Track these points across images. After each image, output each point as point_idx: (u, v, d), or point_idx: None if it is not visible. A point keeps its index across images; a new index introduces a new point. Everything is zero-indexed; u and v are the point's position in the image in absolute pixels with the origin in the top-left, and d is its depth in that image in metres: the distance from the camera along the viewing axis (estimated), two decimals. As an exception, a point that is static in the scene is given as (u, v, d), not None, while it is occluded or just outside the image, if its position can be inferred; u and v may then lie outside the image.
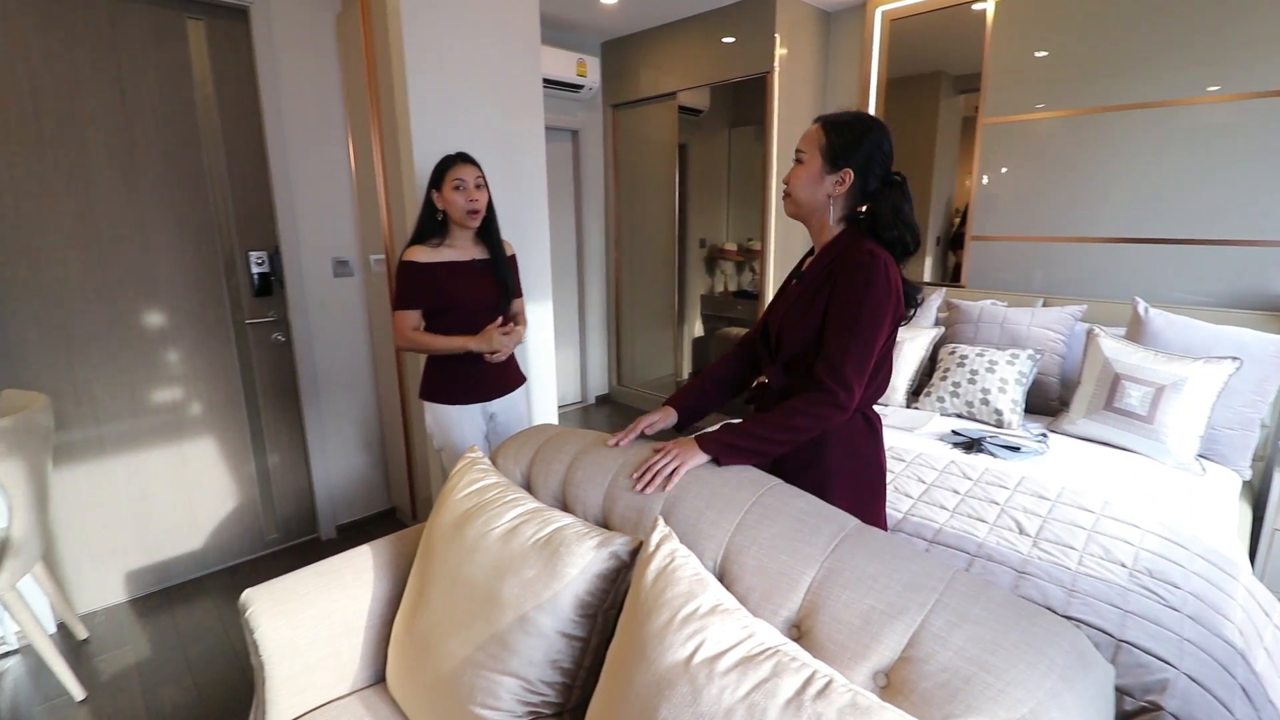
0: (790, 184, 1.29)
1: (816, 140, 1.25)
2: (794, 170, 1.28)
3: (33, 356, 2.12)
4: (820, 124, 1.26)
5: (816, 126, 1.27)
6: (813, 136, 1.26)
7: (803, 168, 1.27)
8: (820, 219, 1.30)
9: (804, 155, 1.27)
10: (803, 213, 1.31)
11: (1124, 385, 2.26)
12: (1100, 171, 2.79)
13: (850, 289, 1.18)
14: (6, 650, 2.10)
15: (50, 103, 2.08)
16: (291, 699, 1.21)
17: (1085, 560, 1.58)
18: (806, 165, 1.27)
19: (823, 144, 1.25)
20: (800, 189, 1.28)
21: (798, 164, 1.28)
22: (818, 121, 1.27)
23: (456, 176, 1.86)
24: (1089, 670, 0.78)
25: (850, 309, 1.18)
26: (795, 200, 1.30)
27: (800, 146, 1.28)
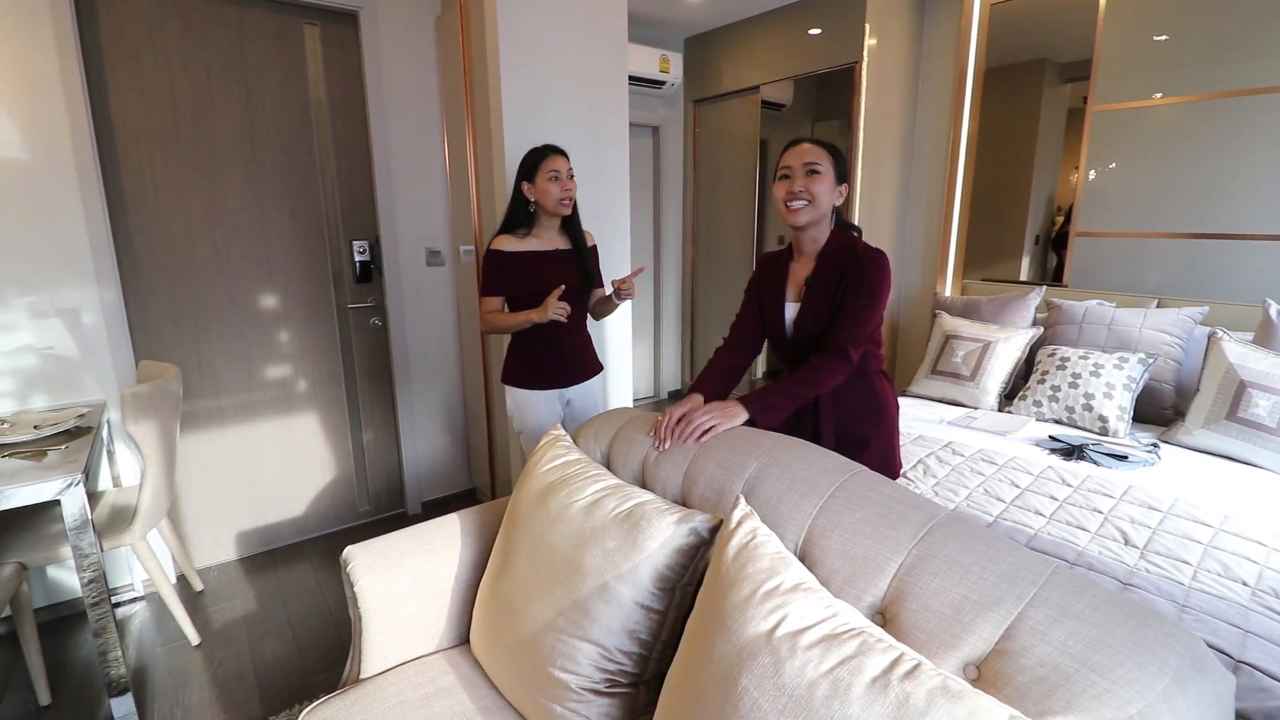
0: (815, 191, 1.43)
1: (825, 157, 1.44)
2: (814, 179, 1.43)
3: (167, 331, 2.35)
4: (819, 145, 1.46)
5: (819, 147, 1.45)
6: (820, 154, 1.44)
7: (822, 178, 1.44)
8: (824, 224, 1.50)
9: (821, 168, 1.43)
10: (816, 218, 1.47)
11: (1250, 394, 2.07)
12: (1224, 162, 2.56)
13: (868, 278, 1.42)
14: (133, 597, 2.33)
15: (186, 103, 2.29)
16: (384, 651, 1.28)
17: (1200, 576, 1.46)
18: (824, 177, 1.44)
19: (831, 161, 1.45)
20: (823, 196, 1.45)
21: (814, 174, 1.43)
22: (814, 142, 1.46)
23: (552, 168, 1.93)
24: (1206, 676, 0.73)
25: (868, 294, 1.42)
26: (817, 207, 1.45)
27: (811, 160, 1.43)
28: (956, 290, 3.52)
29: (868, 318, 1.42)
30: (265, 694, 1.85)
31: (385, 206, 2.70)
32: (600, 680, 1.05)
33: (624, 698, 1.06)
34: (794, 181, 1.44)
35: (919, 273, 3.77)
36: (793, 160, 1.45)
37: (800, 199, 1.44)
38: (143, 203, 2.26)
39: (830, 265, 1.47)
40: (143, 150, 2.24)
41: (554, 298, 1.92)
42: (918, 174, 3.72)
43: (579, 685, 1.04)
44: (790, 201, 1.45)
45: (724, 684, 0.80)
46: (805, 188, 1.43)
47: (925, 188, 3.68)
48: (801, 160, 1.44)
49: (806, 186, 1.43)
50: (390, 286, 2.76)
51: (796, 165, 1.44)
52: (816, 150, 1.44)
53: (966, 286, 3.46)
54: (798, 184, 1.43)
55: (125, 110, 2.20)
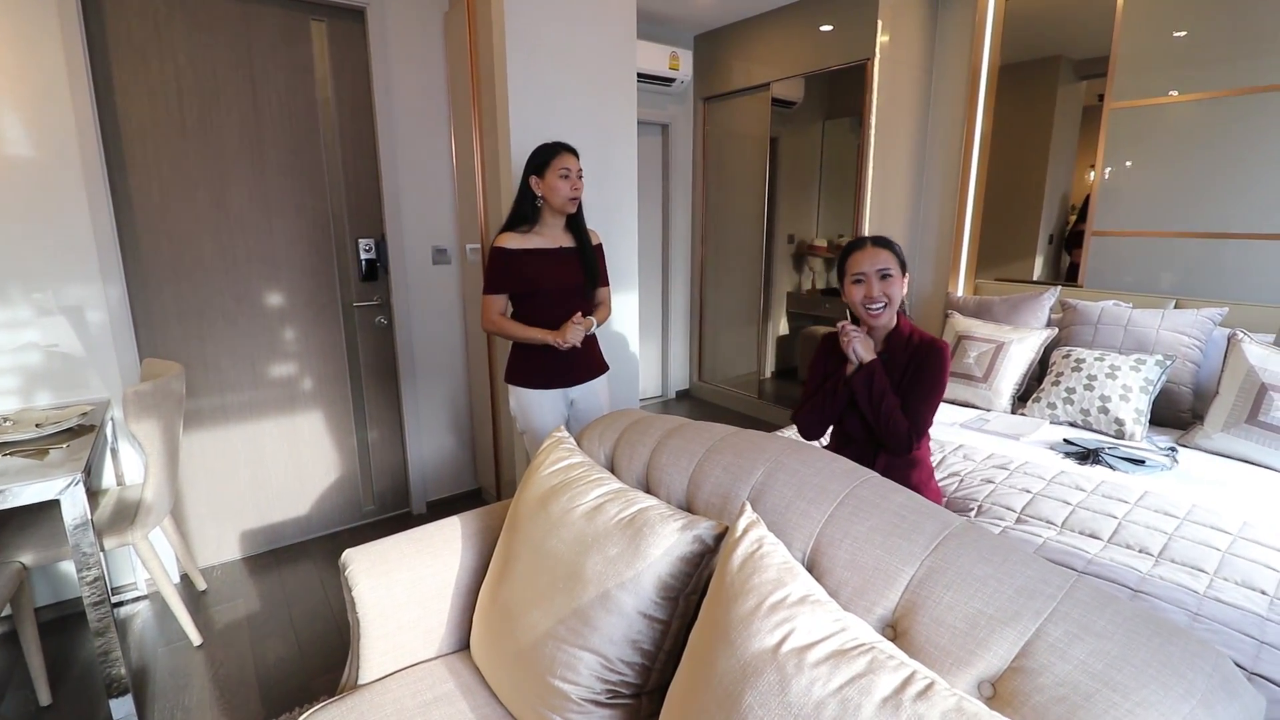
0: (891, 294, 1.57)
1: (893, 259, 1.57)
2: (889, 283, 1.57)
3: (171, 329, 2.34)
4: (882, 245, 1.58)
5: (882, 249, 1.57)
6: (889, 258, 1.57)
7: (894, 279, 1.57)
8: (893, 315, 1.61)
9: (892, 271, 1.57)
10: (892, 315, 1.60)
11: (1272, 397, 2.01)
12: (1245, 160, 2.50)
13: (936, 372, 1.56)
14: (136, 596, 2.32)
15: (193, 99, 2.28)
16: (383, 657, 1.26)
17: (1216, 584, 1.42)
18: (896, 278, 1.57)
19: (897, 261, 1.58)
20: (897, 296, 1.58)
21: (888, 278, 1.56)
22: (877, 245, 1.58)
23: (564, 165, 1.91)
24: (1235, 698, 0.69)
25: (935, 383, 1.56)
26: (894, 307, 1.58)
27: (884, 265, 1.56)
28: (969, 290, 3.47)
29: (931, 403, 1.56)
30: (266, 696, 1.84)
31: (391, 204, 2.69)
32: (601, 691, 1.02)
33: (626, 709, 1.04)
34: (871, 287, 1.57)
35: (931, 272, 3.72)
36: (866, 266, 1.57)
37: (878, 303, 1.57)
38: (148, 200, 2.25)
39: (900, 347, 1.60)
40: (149, 147, 2.23)
41: (575, 321, 1.91)
42: (930, 172, 3.66)
43: (580, 696, 1.02)
44: (869, 305, 1.57)
45: (727, 701, 0.77)
46: (883, 292, 1.56)
47: (938, 186, 3.63)
48: (875, 266, 1.56)
49: (884, 291, 1.56)
50: (396, 285, 2.75)
51: (870, 271, 1.56)
52: (886, 255, 1.57)
53: (979, 286, 3.41)
54: (875, 290, 1.56)
55: (131, 107, 2.19)
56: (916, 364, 1.57)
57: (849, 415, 1.65)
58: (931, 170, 3.65)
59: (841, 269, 1.64)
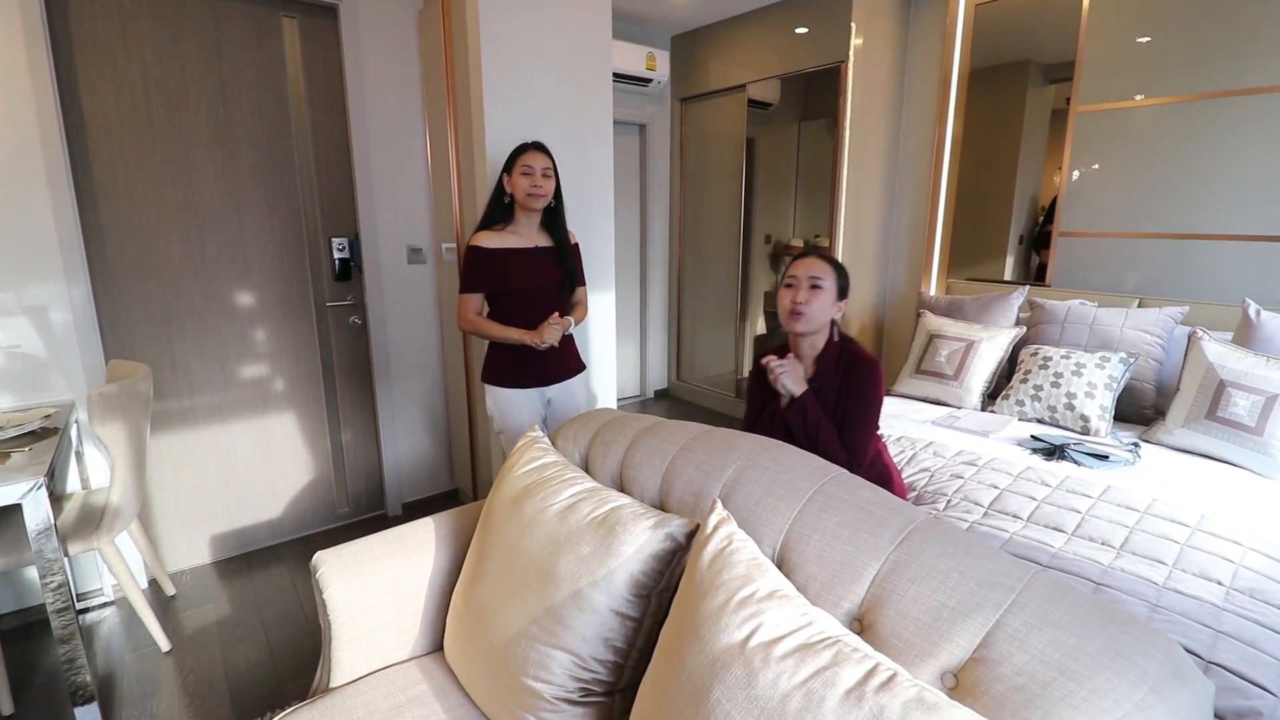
0: (810, 307, 1.53)
1: (830, 273, 1.54)
2: (815, 294, 1.53)
3: (138, 329, 2.30)
4: (825, 260, 1.56)
5: (823, 262, 1.55)
6: (826, 269, 1.54)
7: (823, 293, 1.53)
8: (822, 333, 1.59)
9: (824, 283, 1.53)
10: (813, 329, 1.56)
11: (1230, 393, 2.08)
12: (1205, 163, 2.58)
13: (868, 392, 1.53)
14: (103, 601, 2.27)
15: (161, 96, 2.23)
16: (354, 660, 1.25)
17: (1175, 575, 1.46)
18: (826, 292, 1.54)
19: (835, 277, 1.55)
20: (820, 312, 1.54)
21: (816, 289, 1.52)
22: (822, 258, 1.56)
23: (526, 163, 1.92)
24: (1185, 684, 0.72)
25: (869, 409, 1.54)
26: (811, 320, 1.54)
27: (816, 274, 1.53)
28: (941, 290, 3.53)
29: (869, 435, 1.55)
30: (237, 701, 1.81)
31: (365, 203, 2.66)
32: (574, 689, 1.03)
33: (599, 707, 1.04)
34: (797, 291, 1.54)
35: (904, 272, 3.77)
36: (799, 271, 1.55)
37: (800, 309, 1.53)
38: (114, 198, 2.20)
39: (829, 370, 1.58)
40: (115, 144, 2.18)
41: (551, 322, 1.91)
42: (903, 173, 3.72)
43: (553, 695, 1.02)
44: (792, 309, 1.54)
45: (696, 696, 0.78)
46: (807, 300, 1.53)
47: (910, 187, 3.68)
48: (807, 273, 1.53)
49: (808, 299, 1.53)
50: (370, 284, 2.72)
51: (802, 276, 1.54)
52: (823, 265, 1.54)
53: (951, 286, 3.47)
54: (801, 294, 1.53)
55: (96, 104, 2.14)
56: (849, 387, 1.55)
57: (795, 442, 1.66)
58: (904, 172, 3.71)
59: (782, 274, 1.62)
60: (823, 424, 1.53)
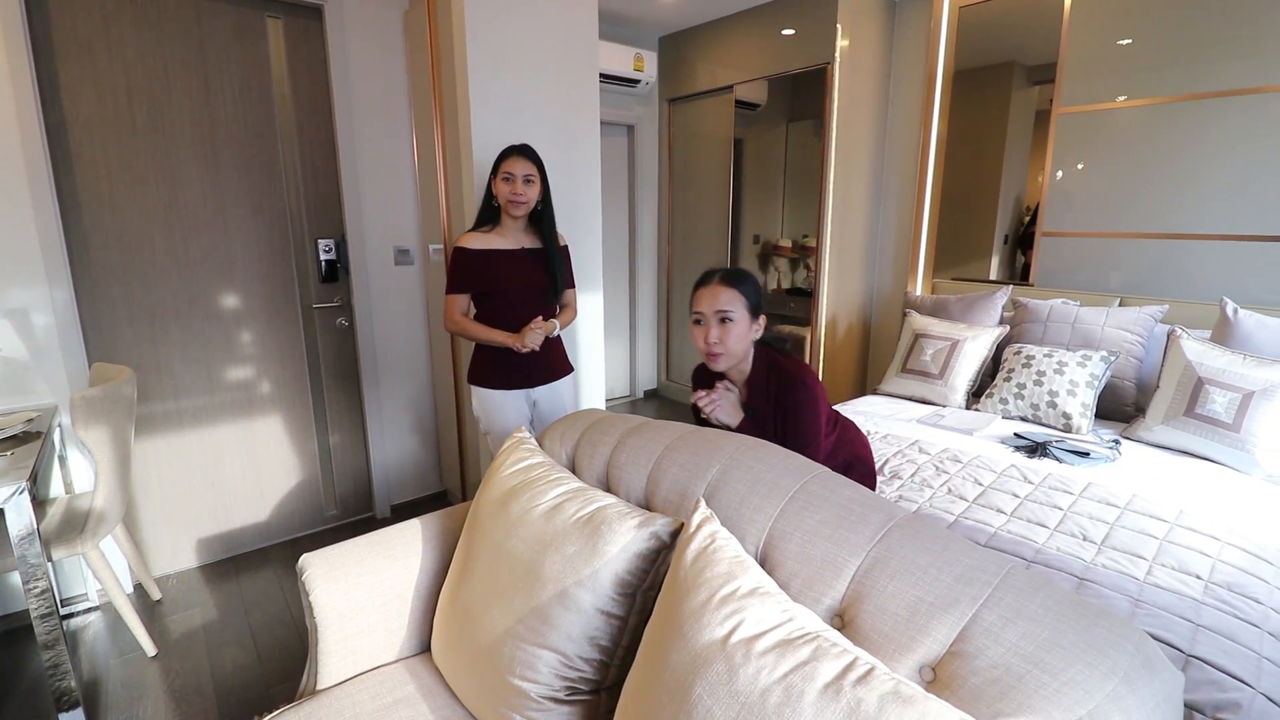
0: (727, 343, 1.44)
1: (737, 299, 1.44)
2: (726, 329, 1.43)
3: (121, 332, 2.28)
4: (728, 284, 1.45)
5: (726, 288, 1.44)
6: (730, 297, 1.43)
7: (735, 325, 1.44)
8: (746, 359, 1.52)
9: (734, 314, 1.43)
10: (735, 362, 1.49)
11: (1208, 390, 2.11)
12: (1185, 164, 2.62)
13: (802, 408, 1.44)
14: (88, 607, 2.26)
15: (143, 96, 2.22)
16: (341, 662, 1.25)
17: (1155, 570, 1.49)
18: (738, 322, 1.44)
19: (743, 301, 1.44)
20: (737, 344, 1.46)
21: (726, 323, 1.43)
22: (723, 282, 1.45)
23: (507, 170, 1.93)
24: (1155, 675, 0.74)
25: (808, 424, 1.45)
26: (731, 355, 1.46)
27: (724, 308, 1.43)
28: (927, 289, 3.56)
29: (815, 452, 1.46)
30: (223, 705, 1.80)
31: (352, 204, 2.65)
32: (561, 688, 1.03)
33: (585, 705, 1.05)
34: (708, 330, 1.44)
35: (890, 272, 3.80)
36: (704, 306, 1.44)
37: (715, 349, 1.45)
38: (97, 199, 2.19)
39: (761, 393, 1.52)
40: (97, 145, 2.17)
41: (534, 326, 1.92)
42: (889, 174, 3.75)
43: (539, 694, 1.03)
44: (707, 351, 1.46)
45: (678, 692, 0.79)
46: (720, 338, 1.44)
47: (896, 187, 3.71)
48: (714, 308, 1.43)
49: (720, 338, 1.44)
50: (357, 286, 2.71)
51: (709, 313, 1.44)
52: (729, 295, 1.44)
53: (936, 285, 3.50)
54: (712, 334, 1.44)
55: (78, 104, 2.12)
56: (784, 406, 1.48)
57: None
58: (890, 172, 3.74)
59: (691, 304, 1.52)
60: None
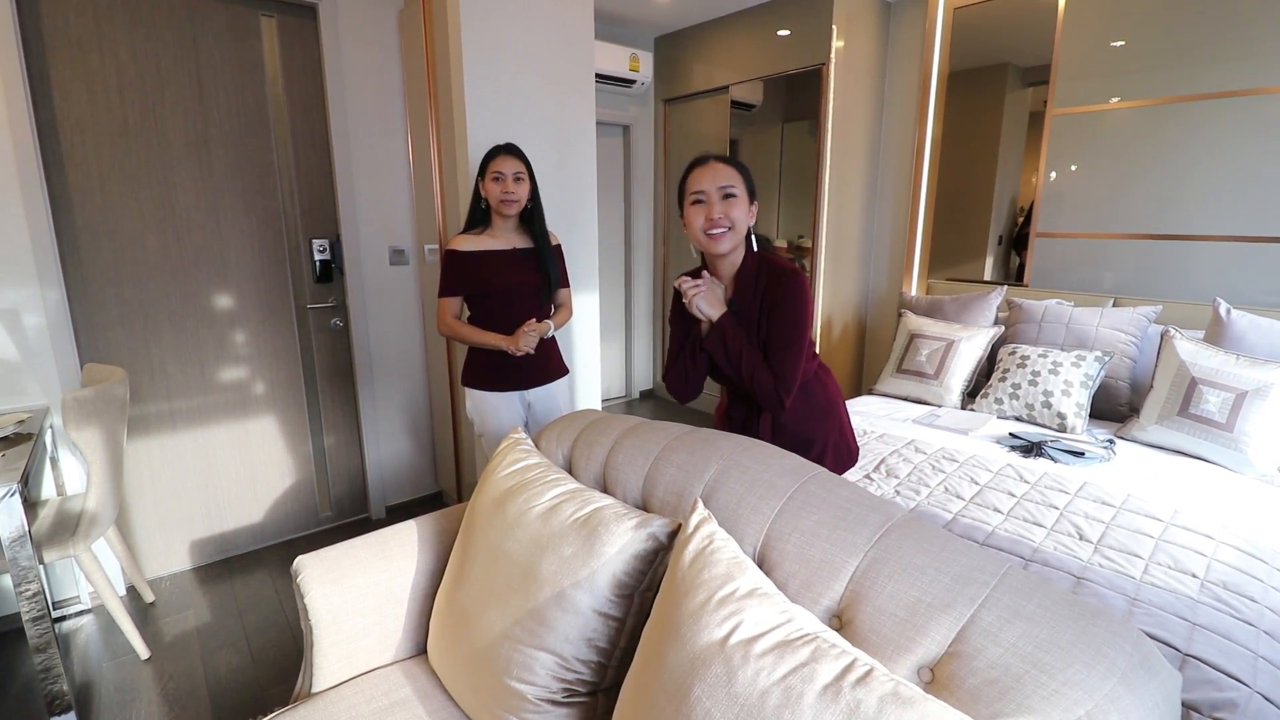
0: (734, 217, 1.36)
1: (737, 176, 1.36)
2: (731, 204, 1.35)
3: (114, 332, 2.26)
4: (728, 164, 1.37)
5: (728, 166, 1.37)
6: (734, 174, 1.36)
7: (739, 201, 1.36)
8: (740, 248, 1.42)
9: (736, 190, 1.36)
10: (737, 243, 1.40)
11: (1201, 390, 2.12)
12: (1178, 165, 2.63)
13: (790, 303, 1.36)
14: (80, 609, 2.24)
15: (135, 95, 2.20)
16: (337, 665, 1.24)
17: (1151, 569, 1.49)
18: (740, 200, 1.36)
19: (742, 180, 1.37)
20: (741, 220, 1.38)
21: (730, 198, 1.35)
22: (725, 161, 1.37)
23: (496, 169, 1.92)
24: (1153, 675, 0.74)
25: (794, 325, 1.37)
26: (737, 233, 1.38)
27: (726, 182, 1.35)
28: (922, 290, 3.57)
29: (797, 356, 1.38)
30: (217, 708, 1.79)
31: (346, 204, 2.64)
32: (558, 690, 1.03)
33: (582, 707, 1.05)
34: (712, 208, 1.35)
35: (885, 272, 3.81)
36: (706, 184, 1.35)
37: (720, 226, 1.35)
38: (89, 199, 2.17)
39: (749, 286, 1.42)
40: (89, 144, 2.15)
41: (528, 328, 1.91)
42: (884, 175, 3.76)
43: (536, 696, 1.02)
44: (710, 230, 1.36)
45: (676, 694, 0.78)
46: (724, 213, 1.35)
47: (891, 188, 3.72)
48: (716, 184, 1.34)
49: (725, 212, 1.35)
50: (352, 286, 2.70)
51: (711, 190, 1.35)
52: (729, 171, 1.36)
53: (931, 286, 3.51)
54: (716, 210, 1.34)
55: (70, 103, 2.11)
56: (770, 303, 1.39)
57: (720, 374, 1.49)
58: (885, 173, 3.75)
59: (681, 191, 1.41)
60: (745, 349, 1.38)
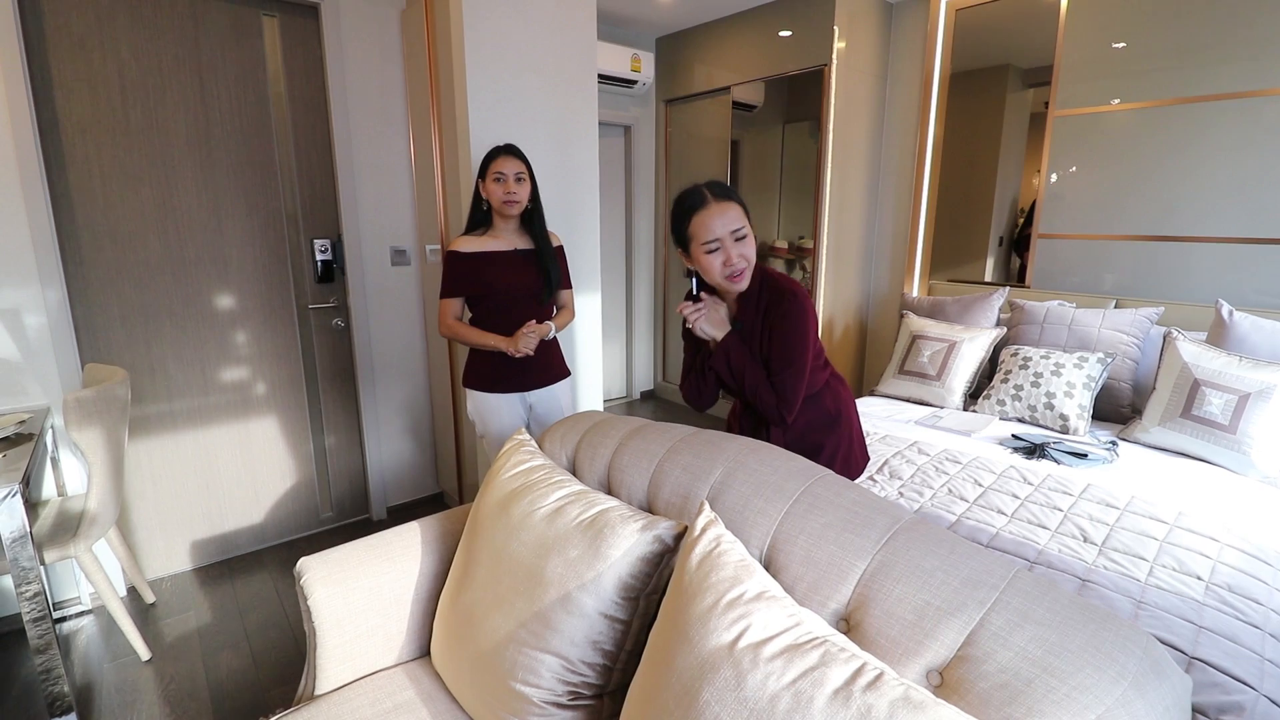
0: (749, 255, 1.41)
1: (739, 210, 1.41)
2: (744, 244, 1.40)
3: (115, 333, 2.26)
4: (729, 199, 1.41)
5: (731, 204, 1.40)
6: (738, 213, 1.41)
7: (749, 238, 1.41)
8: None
9: (745, 230, 1.41)
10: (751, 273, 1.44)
11: (1204, 392, 2.12)
12: (1180, 166, 2.63)
13: (792, 324, 1.39)
14: (81, 610, 2.23)
15: (137, 94, 2.20)
16: (340, 667, 1.24)
17: (1156, 571, 1.49)
18: (749, 234, 1.41)
19: (743, 211, 1.42)
20: (753, 253, 1.42)
21: (742, 239, 1.40)
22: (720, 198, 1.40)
23: (498, 170, 1.91)
24: (1163, 679, 0.73)
25: (794, 344, 1.40)
26: (752, 265, 1.43)
27: (736, 225, 1.40)
28: (923, 291, 3.57)
29: (799, 374, 1.41)
30: (219, 710, 1.79)
31: (348, 204, 2.63)
32: (563, 693, 1.03)
33: (588, 710, 1.04)
34: (729, 254, 1.39)
35: (887, 273, 3.81)
36: (718, 231, 1.39)
37: (739, 267, 1.40)
38: (90, 198, 2.16)
39: (752, 305, 1.46)
40: (90, 144, 2.14)
41: (526, 330, 1.90)
42: (885, 175, 3.76)
43: (541, 699, 1.02)
44: (731, 274, 1.40)
45: (685, 698, 0.78)
46: (741, 255, 1.40)
47: (893, 189, 3.72)
48: (728, 229, 1.39)
49: (742, 254, 1.40)
50: (353, 286, 2.70)
51: (724, 235, 1.39)
52: (735, 211, 1.40)
53: (933, 287, 3.51)
54: (733, 255, 1.39)
55: (71, 102, 2.10)
56: (770, 323, 1.43)
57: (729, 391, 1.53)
58: (887, 174, 3.75)
59: (682, 233, 1.43)
60: (748, 368, 1.42)
